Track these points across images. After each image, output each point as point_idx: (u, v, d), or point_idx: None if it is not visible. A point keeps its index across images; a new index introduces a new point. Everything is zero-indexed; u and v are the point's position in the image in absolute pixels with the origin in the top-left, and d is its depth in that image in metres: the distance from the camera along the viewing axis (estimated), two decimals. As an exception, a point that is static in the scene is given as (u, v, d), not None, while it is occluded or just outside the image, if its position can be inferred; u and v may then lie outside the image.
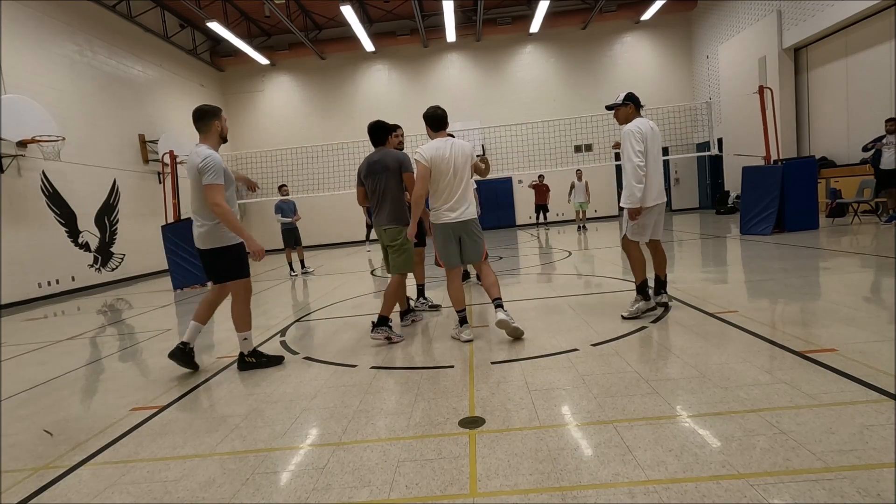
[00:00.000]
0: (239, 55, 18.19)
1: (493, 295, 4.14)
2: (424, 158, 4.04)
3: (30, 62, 10.78)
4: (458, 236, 4.18)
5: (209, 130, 3.82)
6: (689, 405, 2.55)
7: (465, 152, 4.14)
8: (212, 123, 3.81)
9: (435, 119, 4.20)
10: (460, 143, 4.16)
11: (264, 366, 3.99)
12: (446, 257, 4.22)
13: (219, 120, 3.85)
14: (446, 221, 4.13)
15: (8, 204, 9.90)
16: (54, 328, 7.17)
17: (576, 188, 14.11)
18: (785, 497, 1.75)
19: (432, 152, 4.06)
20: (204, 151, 3.70)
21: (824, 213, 11.09)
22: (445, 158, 4.05)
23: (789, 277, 5.46)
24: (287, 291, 8.44)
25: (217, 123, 3.83)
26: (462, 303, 4.23)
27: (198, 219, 3.82)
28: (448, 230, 4.16)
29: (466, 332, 4.17)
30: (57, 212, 11.11)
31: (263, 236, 19.78)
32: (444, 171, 4.06)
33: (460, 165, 4.08)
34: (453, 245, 4.19)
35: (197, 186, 3.71)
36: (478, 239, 4.22)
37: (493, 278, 4.21)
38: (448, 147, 4.08)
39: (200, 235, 3.83)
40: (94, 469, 2.51)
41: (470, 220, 4.16)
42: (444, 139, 4.14)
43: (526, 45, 19.21)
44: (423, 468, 2.19)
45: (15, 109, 9.61)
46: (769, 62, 14.24)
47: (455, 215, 4.10)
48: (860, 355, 2.97)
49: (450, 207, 4.10)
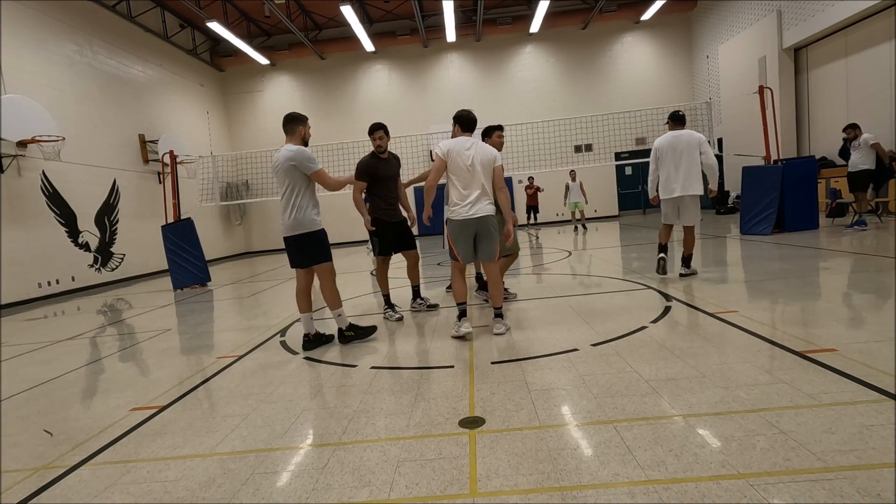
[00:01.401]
0: (239, 55, 18.19)
1: (493, 304, 4.29)
2: (441, 151, 4.15)
3: (30, 62, 10.78)
4: (474, 232, 4.19)
5: (294, 133, 4.25)
6: (689, 405, 2.55)
7: (489, 154, 4.19)
8: (297, 128, 4.26)
9: (466, 120, 4.29)
10: (482, 146, 4.22)
11: (362, 337, 4.41)
12: (462, 252, 4.26)
13: (303, 126, 4.30)
14: (462, 217, 4.15)
15: (8, 204, 9.90)
16: (54, 328, 7.17)
17: (570, 189, 14.09)
18: (785, 497, 1.75)
19: (450, 145, 4.14)
20: (293, 146, 4.16)
21: (824, 213, 11.09)
22: (464, 154, 4.11)
23: (789, 277, 5.46)
24: (287, 291, 8.43)
25: (302, 129, 4.28)
26: (463, 296, 4.28)
27: (285, 207, 4.18)
28: (462, 226, 4.18)
29: (465, 326, 4.18)
30: (57, 212, 11.11)
31: (266, 236, 19.84)
32: (461, 165, 4.11)
33: (482, 164, 4.12)
34: (468, 241, 4.22)
35: (286, 177, 4.13)
36: (493, 237, 4.22)
37: (498, 288, 4.27)
38: (471, 144, 4.16)
39: (290, 223, 4.18)
40: (94, 469, 2.51)
41: (486, 217, 4.16)
42: (466, 138, 4.22)
43: (526, 45, 19.22)
44: (423, 468, 2.19)
45: (15, 109, 9.61)
46: (769, 62, 14.24)
47: (470, 211, 4.12)
48: (860, 355, 2.97)
49: (465, 203, 4.13)
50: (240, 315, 6.94)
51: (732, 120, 16.27)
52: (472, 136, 4.28)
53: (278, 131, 4.53)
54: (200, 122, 17.82)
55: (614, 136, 17.73)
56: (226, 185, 18.09)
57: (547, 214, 18.33)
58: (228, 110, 19.69)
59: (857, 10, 11.23)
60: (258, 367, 4.03)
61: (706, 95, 17.51)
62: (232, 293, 9.10)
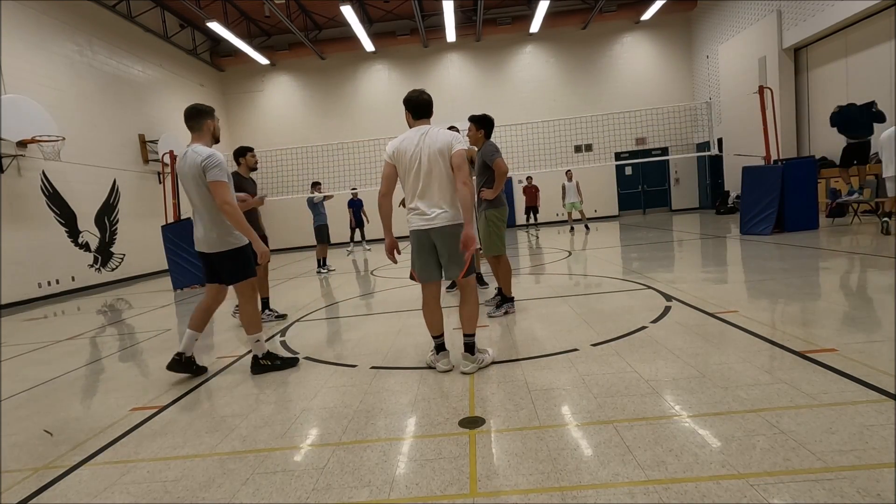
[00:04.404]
0: (239, 55, 18.19)
1: (463, 330, 3.44)
2: (388, 153, 3.40)
3: (30, 62, 10.78)
4: (432, 245, 3.40)
5: (202, 129, 3.67)
6: (689, 405, 2.55)
7: (439, 142, 3.28)
8: (205, 122, 3.68)
9: (416, 104, 3.41)
10: (435, 133, 3.31)
11: (279, 368, 3.82)
12: (419, 270, 3.46)
13: (212, 119, 3.73)
14: (415, 227, 3.39)
15: (8, 204, 9.90)
16: (54, 328, 7.17)
17: (567, 189, 14.03)
18: (785, 497, 1.75)
19: (396, 145, 3.36)
20: (204, 149, 3.56)
21: (824, 213, 11.08)
22: (410, 152, 3.30)
23: (789, 277, 5.46)
24: (287, 291, 8.43)
25: (210, 123, 3.71)
26: (438, 328, 3.50)
27: (202, 220, 3.66)
28: (419, 237, 3.40)
29: (443, 363, 3.45)
30: (57, 212, 11.11)
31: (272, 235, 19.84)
32: (408, 166, 3.32)
33: (434, 156, 3.27)
34: (427, 256, 3.42)
35: (198, 187, 3.57)
36: (454, 250, 3.34)
37: (471, 309, 3.44)
38: (417, 137, 3.31)
39: (207, 239, 3.67)
40: (94, 469, 2.51)
41: (445, 227, 3.32)
42: (417, 129, 3.38)
43: (526, 45, 19.21)
44: (423, 468, 2.19)
45: (15, 109, 9.61)
46: (769, 62, 14.24)
47: (424, 220, 3.33)
48: (860, 355, 2.97)
49: (417, 210, 3.35)
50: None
51: (732, 120, 16.26)
52: (427, 124, 3.41)
53: (278, 131, 4.51)
54: (200, 122, 17.79)
55: (614, 136, 17.75)
56: (226, 185, 18.07)
57: (547, 215, 18.32)
58: (228, 110, 19.67)
59: (857, 10, 11.22)
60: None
61: (706, 95, 17.51)
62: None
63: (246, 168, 5.72)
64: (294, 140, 18.06)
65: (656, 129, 18.29)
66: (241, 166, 5.70)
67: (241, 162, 5.70)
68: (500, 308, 5.01)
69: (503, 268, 5.04)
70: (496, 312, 4.97)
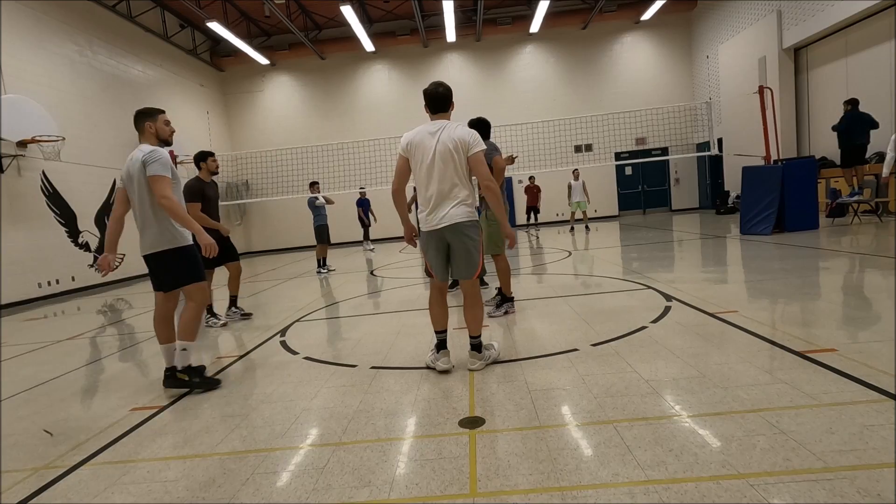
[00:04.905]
0: (239, 55, 18.19)
1: (469, 332, 3.44)
2: (401, 147, 3.33)
3: (30, 62, 10.77)
4: (445, 245, 3.36)
5: (143, 131, 3.59)
6: (689, 405, 2.55)
7: (460, 139, 3.19)
8: (144, 124, 3.59)
9: (431, 97, 3.34)
10: (453, 129, 3.22)
11: (195, 387, 3.52)
12: (435, 269, 3.46)
13: (151, 120, 3.60)
14: (426, 228, 3.36)
15: (8, 204, 9.90)
16: (54, 328, 7.17)
17: (573, 188, 14.01)
18: (785, 497, 1.75)
19: (410, 138, 3.29)
20: (147, 146, 3.50)
21: (824, 213, 11.09)
22: (424, 146, 3.21)
23: (789, 277, 5.46)
24: (287, 291, 8.43)
25: (150, 124, 3.59)
26: (442, 323, 3.49)
27: (146, 222, 3.52)
28: (429, 238, 3.37)
29: (443, 361, 3.41)
30: (57, 212, 11.11)
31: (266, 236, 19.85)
32: (420, 159, 3.23)
33: (448, 153, 3.19)
34: (438, 254, 3.39)
35: (139, 186, 3.45)
36: (469, 250, 3.31)
37: (478, 312, 3.43)
38: (434, 131, 3.23)
39: (150, 238, 3.52)
40: (94, 469, 2.51)
41: (455, 225, 3.25)
42: (434, 123, 3.30)
43: (526, 45, 19.22)
44: (423, 468, 2.19)
45: (15, 109, 9.61)
46: (769, 62, 14.23)
47: (433, 220, 3.28)
48: (860, 355, 2.97)
49: (426, 209, 3.31)
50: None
51: (732, 120, 16.26)
52: (445, 119, 3.33)
53: (278, 131, 4.51)
54: (200, 122, 17.80)
55: (614, 136, 17.76)
56: (226, 185, 18.08)
57: (547, 215, 18.32)
58: (228, 110, 19.68)
59: (857, 10, 11.22)
60: (258, 367, 4.04)
61: (706, 95, 17.50)
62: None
63: (207, 172, 5.74)
64: (294, 140, 18.07)
65: (656, 129, 18.29)
66: (202, 171, 5.72)
67: (202, 167, 5.72)
68: (500, 308, 5.02)
69: (502, 267, 5.06)
70: (496, 312, 4.97)
